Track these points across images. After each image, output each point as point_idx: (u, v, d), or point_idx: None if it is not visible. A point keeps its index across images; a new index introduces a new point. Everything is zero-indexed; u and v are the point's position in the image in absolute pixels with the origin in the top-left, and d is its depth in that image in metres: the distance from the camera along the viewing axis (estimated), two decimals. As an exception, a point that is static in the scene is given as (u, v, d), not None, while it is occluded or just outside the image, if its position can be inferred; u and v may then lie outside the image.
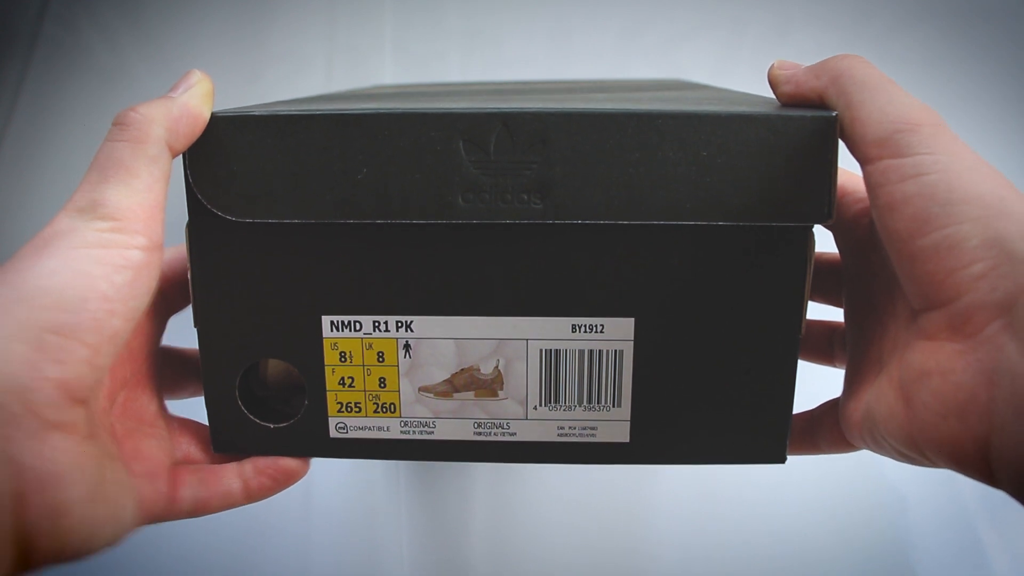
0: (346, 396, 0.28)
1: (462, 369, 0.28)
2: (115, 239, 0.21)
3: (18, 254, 0.21)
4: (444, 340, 0.27)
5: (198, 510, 0.25)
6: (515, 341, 0.27)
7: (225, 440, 0.28)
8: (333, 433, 0.28)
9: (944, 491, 0.46)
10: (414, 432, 0.28)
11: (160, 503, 0.24)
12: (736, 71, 0.66)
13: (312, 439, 0.28)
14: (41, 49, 0.68)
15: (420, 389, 0.28)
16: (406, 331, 0.27)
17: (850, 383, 0.25)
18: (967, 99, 0.63)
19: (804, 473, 0.46)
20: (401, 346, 0.27)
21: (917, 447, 0.20)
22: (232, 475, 0.26)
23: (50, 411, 0.19)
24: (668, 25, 0.69)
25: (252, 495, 0.27)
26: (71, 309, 0.19)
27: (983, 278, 0.19)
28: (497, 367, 0.28)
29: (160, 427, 0.27)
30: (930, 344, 0.20)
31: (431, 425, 0.28)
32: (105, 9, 0.71)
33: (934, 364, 0.19)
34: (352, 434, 0.28)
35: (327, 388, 0.28)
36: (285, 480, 0.28)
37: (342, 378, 0.27)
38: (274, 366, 0.29)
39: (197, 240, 0.28)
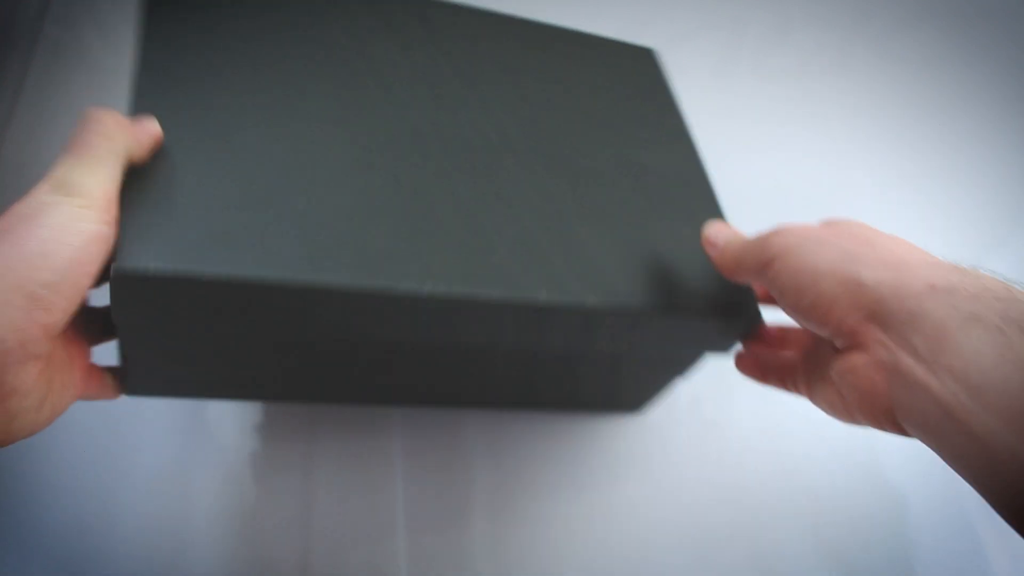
0: None
1: None
2: (90, 216, 0.27)
3: (13, 216, 0.27)
4: None
5: (99, 398, 0.33)
6: None
7: None
8: None
9: (944, 492, 0.46)
10: None
11: (81, 390, 0.31)
12: (736, 71, 0.66)
13: None
14: (41, 49, 0.68)
15: None
16: None
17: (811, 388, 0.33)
18: (967, 99, 0.63)
19: (804, 472, 0.46)
20: None
21: (855, 421, 0.29)
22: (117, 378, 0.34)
23: (33, 346, 0.25)
24: (668, 25, 0.69)
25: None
26: (59, 271, 0.26)
27: (849, 307, 0.27)
28: None
29: (83, 330, 0.32)
30: (844, 356, 0.28)
31: None
32: (105, 9, 0.71)
33: (847, 367, 0.28)
34: None
35: None
36: None
37: None
38: None
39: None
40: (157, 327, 0.32)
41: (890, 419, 0.27)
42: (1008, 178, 0.59)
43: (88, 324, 0.32)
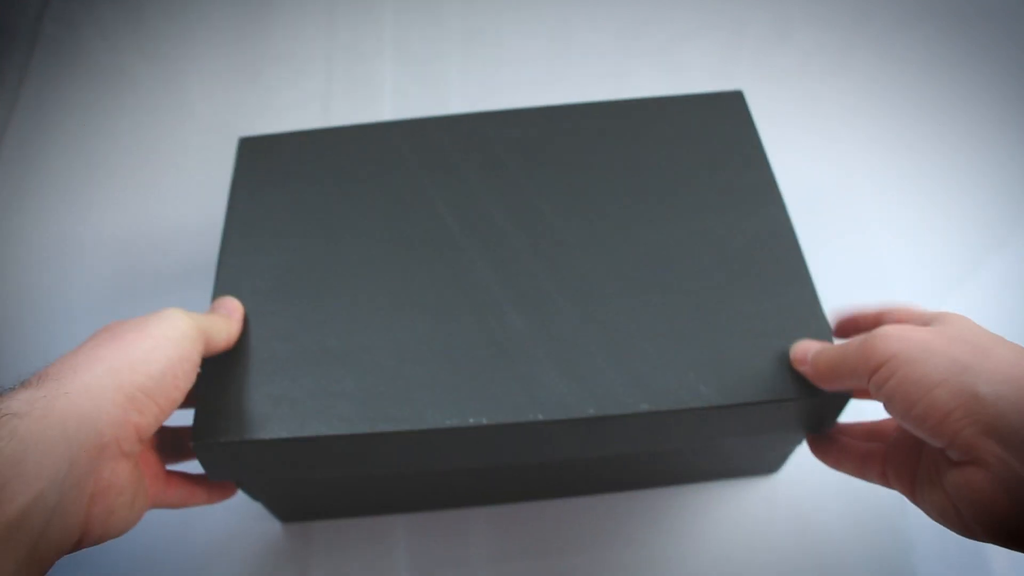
0: None
1: None
2: (191, 336, 0.31)
3: (129, 323, 0.31)
4: None
5: (176, 506, 0.35)
6: None
7: None
8: None
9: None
10: None
11: (157, 498, 0.33)
12: (736, 71, 0.66)
13: None
14: (41, 49, 0.68)
15: None
16: None
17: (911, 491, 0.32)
18: (967, 99, 0.63)
19: (805, 473, 0.46)
20: None
21: (972, 536, 0.28)
22: (202, 488, 0.36)
23: (126, 445, 0.28)
24: (668, 25, 0.69)
25: (211, 501, 0.37)
26: (155, 379, 0.29)
27: (964, 420, 0.26)
28: None
29: (159, 439, 0.35)
30: (960, 469, 0.27)
31: None
32: (105, 9, 0.71)
33: (964, 481, 0.27)
34: None
35: None
36: (228, 495, 0.38)
37: None
38: None
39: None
40: (243, 475, 0.36)
41: (1017, 540, 0.26)
42: (1008, 178, 0.59)
43: (162, 439, 0.35)
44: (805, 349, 0.33)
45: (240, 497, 0.40)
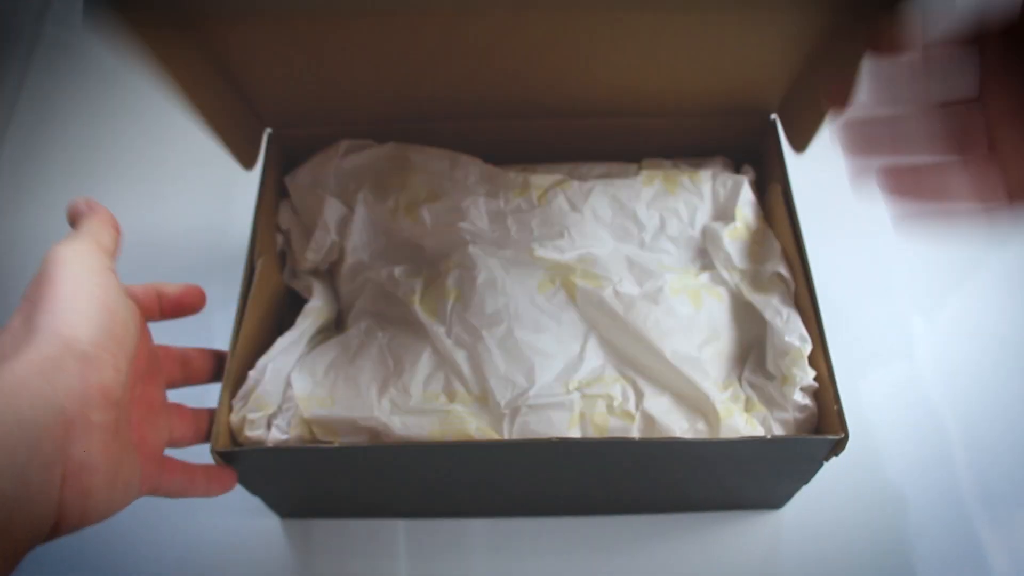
0: None
1: None
2: (108, 265, 0.28)
3: (43, 280, 0.27)
4: None
5: (174, 495, 0.33)
6: None
7: None
8: None
9: (944, 491, 0.46)
10: None
11: (152, 483, 0.30)
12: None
13: None
14: (41, 49, 0.68)
15: None
16: None
17: None
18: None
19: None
20: None
21: None
22: (201, 477, 0.34)
23: (96, 414, 0.25)
24: (668, 25, 0.69)
25: (210, 492, 0.35)
26: (94, 324, 0.25)
27: None
28: None
29: (162, 413, 0.33)
30: None
31: None
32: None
33: None
34: None
35: None
36: (229, 486, 0.36)
37: None
38: None
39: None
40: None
41: None
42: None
43: (158, 420, 0.33)
44: None
45: (240, 493, 0.40)
